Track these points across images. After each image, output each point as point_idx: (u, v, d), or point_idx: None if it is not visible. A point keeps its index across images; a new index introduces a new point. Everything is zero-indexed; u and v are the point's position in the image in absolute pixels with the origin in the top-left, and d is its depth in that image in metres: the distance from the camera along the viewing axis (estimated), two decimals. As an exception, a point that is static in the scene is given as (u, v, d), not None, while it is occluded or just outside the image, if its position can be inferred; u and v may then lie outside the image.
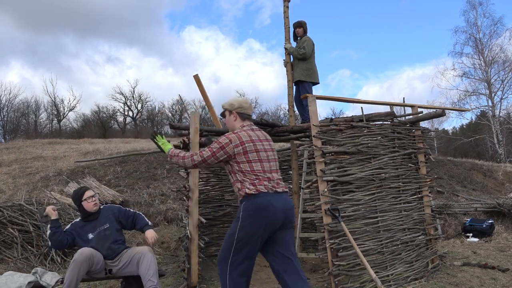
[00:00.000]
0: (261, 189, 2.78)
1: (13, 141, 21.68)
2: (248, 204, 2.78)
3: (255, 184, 2.79)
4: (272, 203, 2.77)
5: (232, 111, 3.08)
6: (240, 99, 3.14)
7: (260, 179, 2.81)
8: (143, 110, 40.35)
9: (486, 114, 25.16)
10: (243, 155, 2.84)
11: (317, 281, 4.30)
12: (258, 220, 2.75)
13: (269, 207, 2.75)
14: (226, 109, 3.12)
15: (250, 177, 2.81)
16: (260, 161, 2.87)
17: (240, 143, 2.85)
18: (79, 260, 3.26)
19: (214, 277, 4.86)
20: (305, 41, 5.72)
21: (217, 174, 6.24)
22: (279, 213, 2.79)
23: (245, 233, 2.76)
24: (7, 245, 5.39)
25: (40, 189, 9.37)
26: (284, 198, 2.89)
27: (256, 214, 2.75)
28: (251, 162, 2.84)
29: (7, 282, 3.58)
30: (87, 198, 3.66)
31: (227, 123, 3.14)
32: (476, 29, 23.69)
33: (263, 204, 2.75)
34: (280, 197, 2.84)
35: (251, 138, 2.91)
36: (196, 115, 4.78)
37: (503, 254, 5.70)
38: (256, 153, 2.87)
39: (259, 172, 2.83)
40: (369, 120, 4.46)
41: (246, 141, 2.87)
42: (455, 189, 10.56)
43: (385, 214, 4.30)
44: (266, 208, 2.75)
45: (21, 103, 34.34)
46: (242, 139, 2.87)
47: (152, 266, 3.44)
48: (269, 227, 2.77)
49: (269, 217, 2.75)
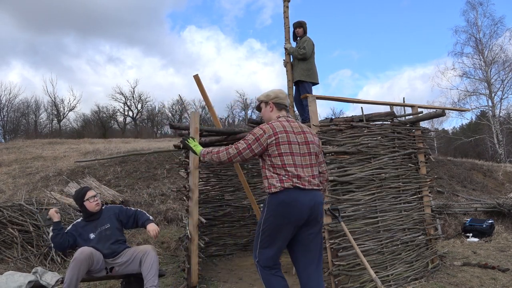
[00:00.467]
0: (287, 186, 2.74)
1: (13, 141, 21.68)
2: (272, 198, 2.77)
3: (282, 182, 2.75)
4: (296, 198, 2.75)
5: (268, 101, 3.05)
6: (276, 90, 3.10)
7: (289, 176, 2.76)
8: (143, 110, 40.40)
9: (486, 114, 25.16)
10: (275, 146, 2.79)
11: (317, 281, 4.31)
12: (281, 214, 2.75)
13: (292, 202, 2.74)
14: (262, 100, 3.09)
15: (280, 172, 2.77)
16: (291, 154, 2.81)
17: (274, 133, 2.81)
18: (79, 259, 3.26)
19: (214, 277, 4.87)
20: (305, 41, 5.72)
21: (217, 174, 6.24)
22: (304, 208, 2.76)
23: (268, 226, 2.78)
24: (7, 245, 5.39)
25: (40, 189, 9.38)
26: (311, 193, 2.82)
27: (279, 208, 2.74)
28: (282, 155, 2.79)
29: (7, 281, 3.58)
30: (89, 198, 3.67)
31: (264, 114, 3.11)
32: (476, 29, 23.71)
33: (287, 199, 2.74)
34: (306, 194, 2.79)
35: (285, 128, 2.86)
36: (196, 115, 4.78)
37: (503, 254, 5.70)
38: (288, 145, 2.81)
39: (290, 167, 2.78)
40: (369, 120, 4.46)
41: (280, 132, 2.83)
42: (455, 189, 10.56)
43: (385, 214, 4.30)
44: (289, 203, 2.74)
45: (21, 103, 34.40)
46: (275, 130, 2.83)
47: (154, 266, 3.45)
48: (292, 221, 2.76)
49: (291, 212, 2.74)
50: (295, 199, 2.74)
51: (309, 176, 2.83)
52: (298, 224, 2.80)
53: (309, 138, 2.92)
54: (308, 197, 2.78)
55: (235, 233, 6.27)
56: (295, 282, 4.55)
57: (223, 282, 4.63)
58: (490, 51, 23.42)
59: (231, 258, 5.98)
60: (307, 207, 2.77)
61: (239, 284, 4.57)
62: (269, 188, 2.79)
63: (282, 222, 2.76)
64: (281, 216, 2.75)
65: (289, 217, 2.75)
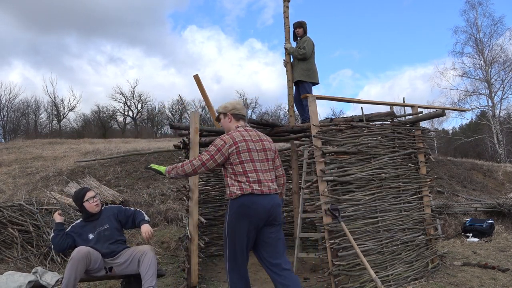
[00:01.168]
0: (247, 191, 2.94)
1: (13, 141, 21.67)
2: (233, 203, 2.98)
3: (242, 189, 2.94)
4: (255, 201, 2.95)
5: (226, 113, 3.25)
6: (233, 101, 3.32)
7: (250, 182, 2.96)
8: (143, 110, 40.39)
9: (486, 114, 25.15)
10: (235, 154, 2.99)
11: (317, 281, 4.30)
12: (242, 215, 2.95)
13: (252, 205, 2.94)
14: (221, 112, 3.29)
15: (241, 179, 2.97)
16: (252, 161, 3.02)
17: (234, 143, 3.01)
18: (76, 258, 3.27)
19: (214, 277, 4.87)
20: (305, 41, 5.71)
21: (217, 174, 6.24)
22: (262, 210, 2.96)
23: (231, 230, 2.99)
24: (7, 245, 5.39)
25: (40, 189, 9.37)
26: (269, 197, 3.02)
27: (240, 210, 2.94)
28: (243, 162, 3.00)
29: (7, 281, 3.58)
30: (89, 199, 3.67)
31: (223, 125, 3.31)
32: (476, 29, 23.71)
33: (246, 202, 2.94)
34: (265, 197, 2.99)
35: (244, 138, 3.07)
36: (196, 115, 4.78)
37: (503, 254, 5.70)
38: (248, 153, 3.02)
39: (251, 173, 2.98)
40: (369, 120, 4.46)
41: (239, 141, 3.03)
42: (455, 189, 10.56)
43: (385, 214, 4.30)
44: (249, 205, 2.94)
45: (21, 103, 34.39)
46: (235, 139, 3.03)
47: (152, 266, 3.44)
48: (252, 222, 2.96)
49: (251, 214, 2.94)
50: (254, 202, 2.94)
51: (269, 180, 3.06)
52: (259, 226, 3.00)
53: (266, 145, 3.15)
54: (266, 200, 2.99)
55: (235, 233, 6.26)
56: (295, 282, 4.54)
57: (223, 282, 4.63)
58: (490, 51, 23.44)
59: (231, 258, 5.96)
60: (266, 209, 2.97)
61: (239, 284, 4.56)
62: (230, 196, 2.98)
63: (243, 224, 2.95)
64: (242, 217, 2.94)
65: (249, 219, 2.94)
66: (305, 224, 5.59)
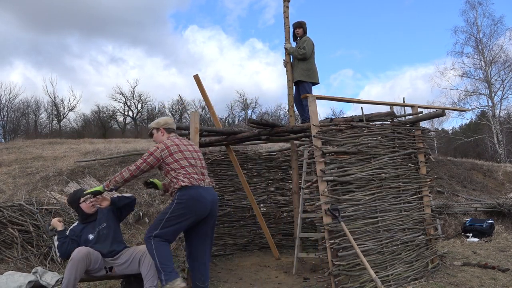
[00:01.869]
0: (193, 182, 3.31)
1: (13, 141, 21.66)
2: (182, 193, 3.29)
3: (187, 177, 3.31)
4: (203, 195, 3.33)
5: (159, 128, 3.66)
6: (165, 117, 3.76)
7: (190, 173, 3.35)
8: (143, 110, 40.38)
9: (486, 114, 25.13)
10: (169, 156, 3.39)
11: (317, 281, 4.30)
12: (190, 208, 3.27)
13: (200, 198, 3.31)
14: (153, 127, 3.68)
15: (182, 172, 3.33)
16: (186, 158, 3.42)
17: (166, 147, 3.41)
18: (76, 258, 3.27)
19: (214, 277, 4.87)
20: (305, 41, 5.72)
21: (217, 174, 6.24)
22: (207, 204, 3.36)
23: (176, 217, 3.27)
24: (7, 245, 5.39)
25: (40, 189, 9.37)
26: (211, 192, 3.46)
27: (189, 202, 3.27)
28: (178, 161, 3.38)
29: (7, 281, 3.58)
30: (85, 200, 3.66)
31: (156, 139, 3.66)
32: (476, 29, 23.69)
33: (195, 195, 3.29)
34: (208, 190, 3.42)
35: (175, 142, 3.47)
36: (196, 115, 4.78)
37: (503, 254, 5.70)
38: (180, 153, 3.42)
39: (188, 167, 3.38)
40: (369, 120, 4.46)
41: (171, 145, 3.42)
42: (455, 189, 10.55)
43: (385, 214, 4.30)
44: (198, 199, 3.30)
45: (21, 103, 34.37)
46: (167, 145, 3.43)
47: (153, 266, 3.44)
48: (197, 215, 3.33)
49: (199, 206, 3.31)
50: (201, 195, 3.33)
51: (205, 174, 3.53)
52: (201, 218, 3.38)
53: (195, 149, 3.61)
54: (209, 194, 3.41)
55: (235, 233, 6.28)
56: (295, 282, 4.55)
57: (223, 282, 4.63)
58: (490, 51, 23.42)
59: (231, 258, 5.98)
60: (209, 202, 3.38)
61: (239, 284, 4.57)
62: (178, 183, 3.30)
63: (189, 215, 3.28)
64: (189, 209, 3.28)
65: (196, 211, 3.31)
66: (305, 224, 5.59)
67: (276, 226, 6.45)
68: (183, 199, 3.28)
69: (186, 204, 3.27)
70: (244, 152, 6.55)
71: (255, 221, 6.19)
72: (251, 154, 6.56)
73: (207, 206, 3.36)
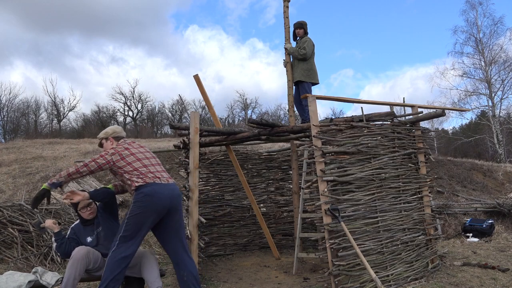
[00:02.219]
0: (147, 180, 3.31)
1: (13, 141, 21.66)
2: (138, 193, 3.29)
3: (140, 177, 3.32)
4: (158, 191, 3.30)
5: (108, 137, 3.67)
6: (113, 127, 3.78)
7: (144, 173, 3.35)
8: (143, 110, 40.38)
9: (486, 114, 25.13)
10: (121, 160, 3.39)
11: (317, 281, 4.31)
12: (146, 206, 3.25)
13: (155, 194, 3.28)
14: (102, 138, 3.70)
15: (135, 173, 3.34)
16: (138, 160, 3.43)
17: (116, 152, 3.42)
18: (76, 258, 3.28)
19: (214, 277, 4.87)
20: (305, 42, 5.71)
21: (217, 174, 6.25)
22: (165, 199, 3.32)
23: (135, 216, 3.25)
24: (7, 245, 5.39)
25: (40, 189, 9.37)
26: (169, 186, 3.42)
27: (144, 201, 3.25)
28: (131, 163, 3.39)
29: (7, 281, 3.58)
30: (81, 209, 3.67)
31: (106, 148, 3.66)
32: (476, 29, 23.68)
33: (150, 192, 3.27)
34: (165, 186, 3.38)
35: (126, 147, 3.49)
36: (196, 115, 4.78)
37: (503, 254, 5.70)
38: (132, 156, 3.44)
39: (141, 168, 3.38)
40: (369, 120, 4.46)
41: (121, 151, 3.43)
42: (455, 189, 10.55)
43: (385, 214, 4.30)
44: (153, 195, 3.27)
45: (21, 103, 34.38)
46: (117, 149, 3.45)
47: (155, 268, 3.45)
48: (157, 211, 3.29)
49: (156, 202, 3.27)
50: (157, 191, 3.30)
51: (161, 171, 3.50)
52: (162, 214, 3.34)
53: (146, 150, 3.63)
54: (167, 189, 3.37)
55: (235, 233, 6.28)
56: (295, 282, 4.55)
57: (223, 282, 4.63)
58: (490, 51, 23.40)
59: (231, 258, 5.98)
60: (167, 197, 3.34)
61: (239, 284, 4.57)
62: (133, 185, 3.30)
63: (148, 213, 3.26)
64: (147, 207, 3.25)
65: (154, 207, 3.27)
66: (305, 224, 5.59)
67: (276, 226, 6.46)
68: (138, 198, 3.28)
69: (142, 202, 3.26)
70: (244, 152, 6.55)
71: (255, 221, 6.19)
72: (251, 154, 6.56)
73: (164, 202, 3.32)
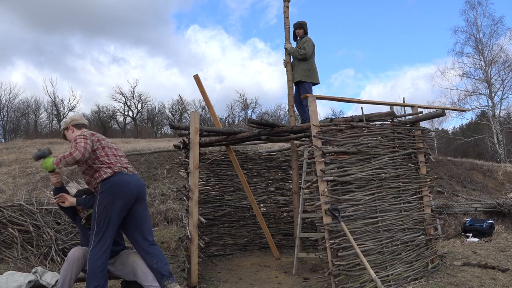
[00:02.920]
0: (116, 170, 3.31)
1: (13, 141, 21.67)
2: (106, 183, 3.27)
3: (110, 167, 3.31)
4: (126, 180, 3.33)
5: (67, 127, 3.65)
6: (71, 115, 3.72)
7: (113, 163, 3.35)
8: (143, 110, 40.38)
9: (486, 114, 25.13)
10: (97, 142, 3.41)
11: (317, 281, 4.30)
12: (115, 194, 3.25)
13: (123, 183, 3.29)
14: (63, 128, 3.70)
15: (105, 161, 3.33)
16: (108, 147, 3.45)
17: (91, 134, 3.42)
18: (71, 259, 3.29)
19: (213, 277, 4.87)
20: (305, 42, 5.71)
21: (217, 174, 6.24)
22: (133, 188, 3.35)
23: (104, 207, 3.23)
24: (7, 245, 5.39)
25: (40, 189, 9.38)
26: (135, 177, 3.46)
27: (113, 189, 3.25)
28: (105, 148, 3.41)
29: (7, 281, 3.58)
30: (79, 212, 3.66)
31: (69, 138, 3.63)
32: (476, 29, 23.68)
33: (118, 181, 3.28)
34: (132, 176, 3.41)
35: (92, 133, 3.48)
36: (196, 115, 4.78)
37: (503, 254, 5.70)
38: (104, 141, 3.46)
39: (111, 156, 3.39)
40: (369, 120, 4.46)
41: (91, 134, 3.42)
42: (455, 189, 10.56)
43: (385, 214, 4.30)
44: (121, 184, 3.28)
45: (21, 103, 34.39)
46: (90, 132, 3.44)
47: (148, 271, 3.40)
48: (125, 200, 3.30)
49: (124, 191, 3.28)
50: (125, 180, 3.32)
51: (127, 163, 3.52)
52: (130, 203, 3.34)
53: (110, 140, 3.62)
54: (134, 179, 3.40)
55: (235, 233, 6.28)
56: (295, 282, 4.55)
57: (223, 282, 4.63)
58: (490, 51, 23.41)
59: (231, 258, 5.98)
60: (135, 186, 3.37)
61: (239, 284, 4.57)
62: (100, 177, 3.28)
63: (116, 202, 3.24)
64: (115, 195, 3.24)
65: (122, 196, 3.27)
66: (305, 224, 5.59)
67: (276, 226, 6.45)
68: (106, 187, 3.26)
69: (111, 191, 3.25)
70: (244, 152, 6.55)
71: (255, 221, 6.19)
72: (251, 154, 6.56)
73: (132, 190, 3.34)
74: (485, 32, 23.52)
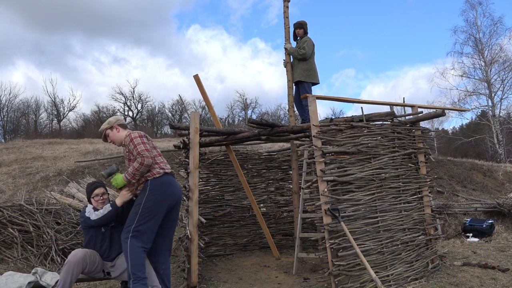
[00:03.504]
0: (167, 171, 3.44)
1: (13, 141, 21.66)
2: (155, 181, 3.35)
3: (162, 168, 3.42)
4: (173, 182, 3.48)
5: (112, 126, 3.62)
6: (113, 116, 3.77)
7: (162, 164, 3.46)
8: (143, 110, 40.38)
9: (486, 114, 25.12)
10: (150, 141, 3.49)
11: (317, 281, 4.30)
12: (164, 193, 3.34)
13: (172, 183, 3.44)
14: (106, 128, 3.63)
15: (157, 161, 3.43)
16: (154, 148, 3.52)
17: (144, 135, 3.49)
18: (72, 261, 3.27)
19: (213, 277, 4.87)
20: (305, 42, 5.71)
21: (217, 174, 6.24)
22: (178, 191, 3.49)
23: (152, 203, 3.28)
24: (7, 245, 5.39)
25: (40, 189, 9.38)
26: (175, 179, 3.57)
27: (162, 188, 3.34)
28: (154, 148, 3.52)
29: (7, 282, 3.58)
30: (95, 196, 3.62)
31: (114, 138, 3.63)
32: (476, 29, 23.67)
33: (167, 180, 3.40)
34: (175, 180, 3.54)
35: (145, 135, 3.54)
36: (196, 115, 4.78)
37: (503, 254, 5.70)
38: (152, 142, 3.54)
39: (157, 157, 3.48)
40: (369, 120, 4.46)
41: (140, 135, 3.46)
42: (455, 189, 10.55)
43: (385, 214, 4.30)
44: (169, 183, 3.41)
45: (21, 103, 34.38)
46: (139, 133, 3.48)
47: (152, 272, 3.41)
48: (170, 200, 3.39)
49: (173, 192, 3.41)
50: (172, 181, 3.46)
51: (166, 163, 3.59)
52: (172, 204, 3.43)
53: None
54: (176, 183, 3.54)
55: (235, 233, 6.27)
56: (295, 282, 4.56)
57: (223, 282, 4.63)
58: (490, 51, 23.40)
59: (231, 258, 5.98)
60: (179, 190, 3.52)
61: (239, 284, 4.57)
62: (153, 175, 3.36)
63: (162, 201, 3.32)
64: (163, 194, 3.33)
65: (170, 195, 3.39)
66: (305, 224, 5.59)
67: (276, 226, 6.45)
68: (156, 184, 3.32)
69: (161, 189, 3.33)
70: (244, 152, 6.55)
71: (255, 221, 6.19)
72: (251, 154, 6.56)
73: (177, 192, 3.47)
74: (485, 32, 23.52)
